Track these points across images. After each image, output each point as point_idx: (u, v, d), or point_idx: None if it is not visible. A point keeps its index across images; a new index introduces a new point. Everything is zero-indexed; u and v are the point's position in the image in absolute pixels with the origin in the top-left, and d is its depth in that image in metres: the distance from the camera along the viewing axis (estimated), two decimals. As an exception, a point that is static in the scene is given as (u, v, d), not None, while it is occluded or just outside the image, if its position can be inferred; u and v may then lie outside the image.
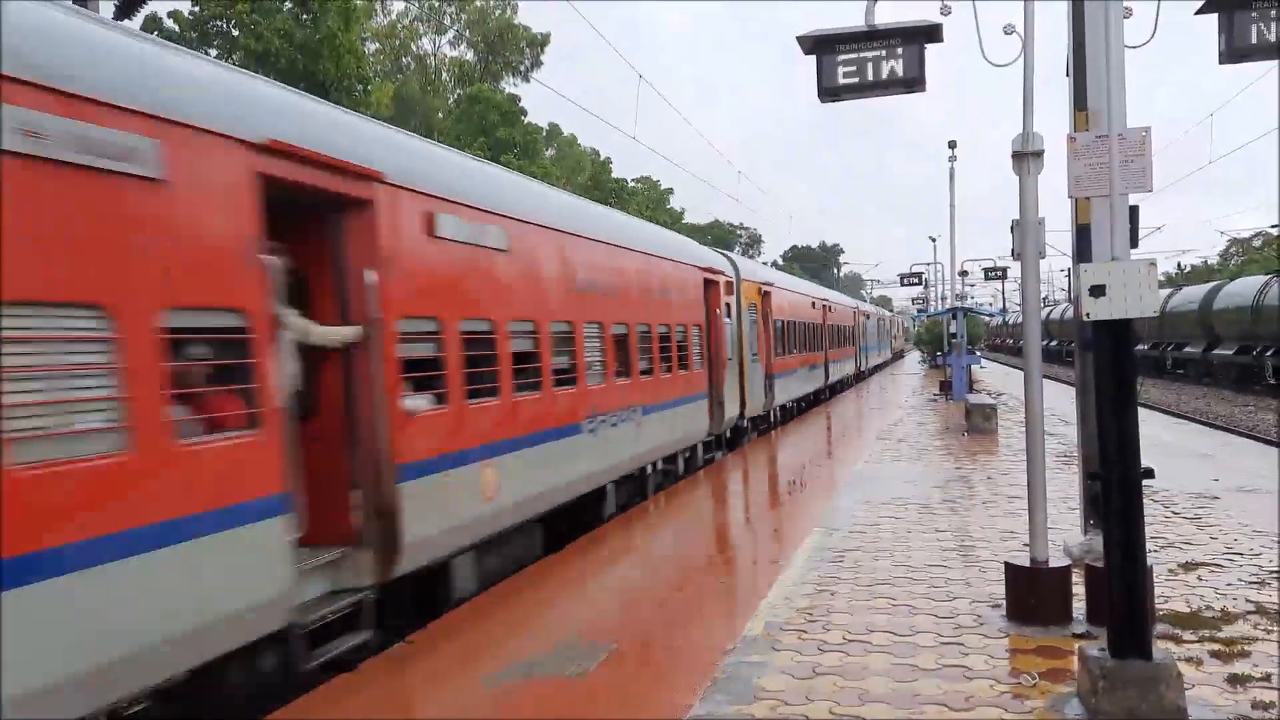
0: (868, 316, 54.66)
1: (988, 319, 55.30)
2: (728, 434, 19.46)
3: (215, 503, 5.68)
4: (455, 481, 8.46)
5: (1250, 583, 8.42)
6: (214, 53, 33.01)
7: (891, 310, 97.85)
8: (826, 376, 34.90)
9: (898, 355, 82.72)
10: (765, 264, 52.77)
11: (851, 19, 7.72)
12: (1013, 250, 9.08)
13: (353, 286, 7.41)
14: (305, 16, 32.46)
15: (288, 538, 6.32)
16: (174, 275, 5.48)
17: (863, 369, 48.27)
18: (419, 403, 8.00)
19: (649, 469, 14.56)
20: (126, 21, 11.76)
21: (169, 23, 32.46)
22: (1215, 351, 40.38)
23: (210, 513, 5.63)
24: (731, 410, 19.04)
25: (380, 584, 7.47)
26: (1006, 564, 7.83)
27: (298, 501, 6.53)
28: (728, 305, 19.13)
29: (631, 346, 13.38)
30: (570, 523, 11.48)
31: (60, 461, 4.69)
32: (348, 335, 7.28)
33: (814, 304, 32.45)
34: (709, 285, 17.83)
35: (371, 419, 7.41)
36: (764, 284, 23.68)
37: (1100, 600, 6.61)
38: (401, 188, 7.92)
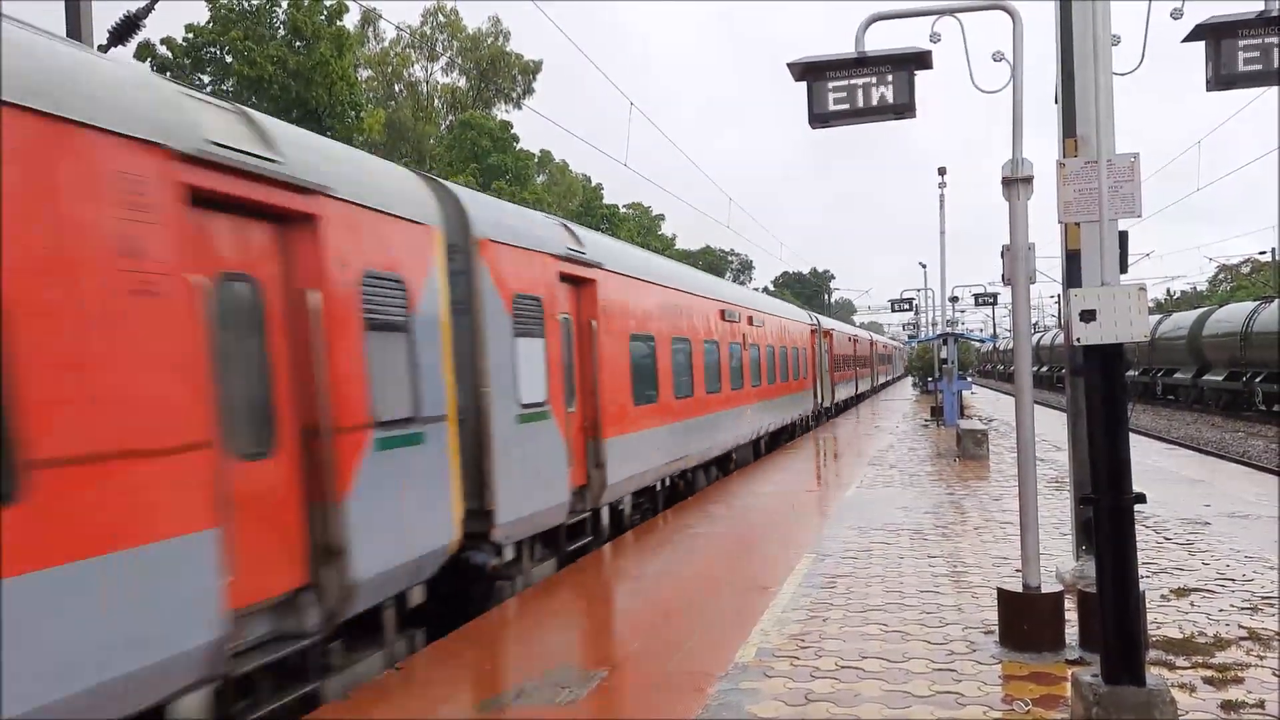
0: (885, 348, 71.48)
1: (978, 345, 55.44)
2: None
3: None
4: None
5: (1243, 608, 8.40)
6: (207, 80, 33.13)
7: (884, 334, 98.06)
8: (871, 382, 54.71)
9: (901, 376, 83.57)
10: (756, 290, 54.40)
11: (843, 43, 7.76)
12: (1003, 276, 9.10)
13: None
14: (298, 43, 32.59)
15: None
16: None
17: (877, 384, 62.84)
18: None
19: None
20: (120, 48, 11.76)
21: (162, 50, 32.55)
22: (1205, 377, 40.52)
23: None
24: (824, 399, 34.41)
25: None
26: (999, 590, 7.81)
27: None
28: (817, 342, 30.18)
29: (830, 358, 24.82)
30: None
31: None
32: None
33: (857, 339, 45.79)
34: (813, 332, 29.10)
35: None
36: (827, 330, 36.20)
37: (1093, 626, 6.59)
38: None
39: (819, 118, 7.88)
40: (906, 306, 54.69)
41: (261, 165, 6.33)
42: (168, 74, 31.57)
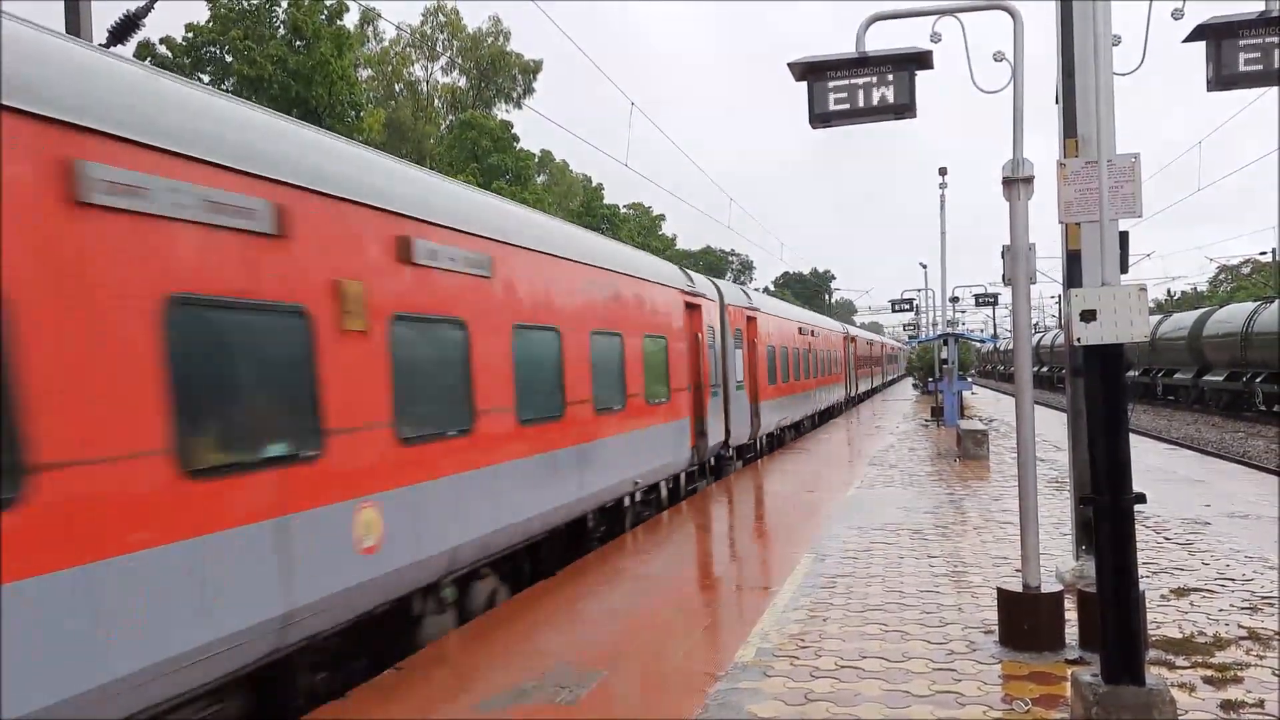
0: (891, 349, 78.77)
1: (979, 345, 55.45)
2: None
3: None
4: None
5: (1242, 608, 8.41)
6: (207, 79, 33.13)
7: (884, 334, 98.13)
8: (882, 378, 63.23)
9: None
10: (757, 290, 54.13)
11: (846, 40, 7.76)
12: (1004, 276, 9.10)
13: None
14: (298, 43, 32.60)
15: None
16: None
17: (887, 380, 70.40)
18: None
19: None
20: (120, 48, 11.77)
21: (162, 49, 32.56)
22: (1205, 378, 40.52)
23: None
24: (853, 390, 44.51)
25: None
26: (999, 589, 7.81)
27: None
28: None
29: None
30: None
31: None
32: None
33: (872, 342, 49.55)
34: (845, 339, 34.38)
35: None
36: (853, 336, 46.00)
37: (1093, 625, 6.59)
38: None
39: (820, 118, 7.89)
40: (907, 307, 54.77)
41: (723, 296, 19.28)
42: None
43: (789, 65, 7.85)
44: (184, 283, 5.52)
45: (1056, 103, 8.85)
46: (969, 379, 40.88)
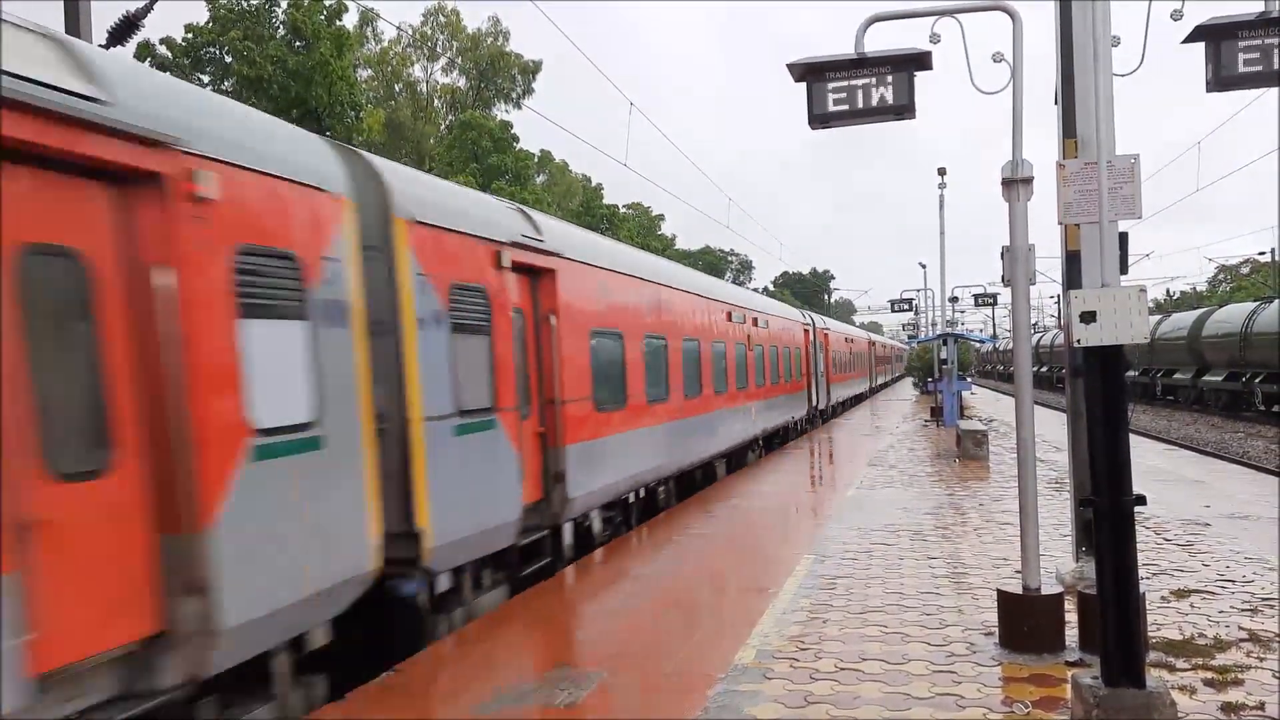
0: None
1: (978, 345, 55.44)
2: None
3: None
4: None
5: (1243, 610, 8.40)
6: (206, 80, 33.11)
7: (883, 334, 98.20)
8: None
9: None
10: (756, 290, 54.79)
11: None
12: (1003, 276, 9.09)
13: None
14: (298, 43, 32.58)
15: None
16: None
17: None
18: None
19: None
20: (119, 48, 11.76)
21: (162, 49, 32.55)
22: (1205, 378, 40.50)
23: None
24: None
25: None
26: (999, 591, 7.80)
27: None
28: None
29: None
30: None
31: None
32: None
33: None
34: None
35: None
36: (871, 340, 53.82)
37: (1093, 627, 6.58)
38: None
39: (819, 118, 7.88)
40: (906, 307, 54.76)
41: None
42: (167, 74, 31.66)
43: (788, 66, 7.84)
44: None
45: (1056, 103, 8.84)
46: (968, 379, 40.87)
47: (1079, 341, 5.48)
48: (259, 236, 6.30)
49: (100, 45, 11.08)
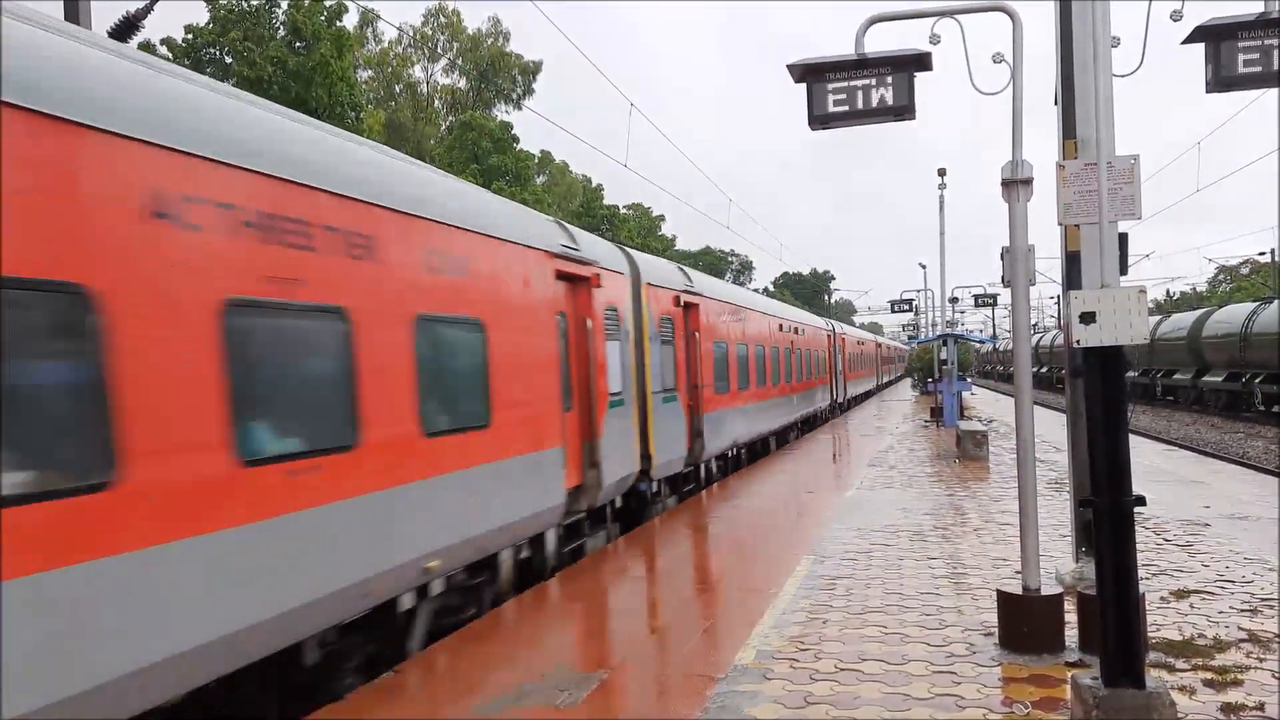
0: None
1: (978, 345, 55.46)
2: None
3: None
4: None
5: (1242, 610, 8.40)
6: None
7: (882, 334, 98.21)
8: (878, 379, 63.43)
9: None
10: (756, 290, 54.76)
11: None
12: (1003, 277, 9.10)
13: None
14: (298, 44, 32.58)
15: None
16: None
17: (883, 382, 69.69)
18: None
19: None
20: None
21: (162, 50, 32.55)
22: (1204, 378, 40.52)
23: None
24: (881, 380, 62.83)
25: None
26: (999, 591, 7.80)
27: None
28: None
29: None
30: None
31: None
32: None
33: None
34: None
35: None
36: (879, 342, 61.25)
37: (1093, 628, 6.59)
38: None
39: (819, 119, 7.89)
40: (906, 307, 54.77)
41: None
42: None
43: (788, 67, 7.84)
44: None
45: (1056, 104, 8.84)
46: (968, 379, 40.87)
47: (1079, 342, 5.49)
48: (611, 300, 12.86)
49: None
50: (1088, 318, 5.42)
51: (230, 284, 5.86)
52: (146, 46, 31.62)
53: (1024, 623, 7.48)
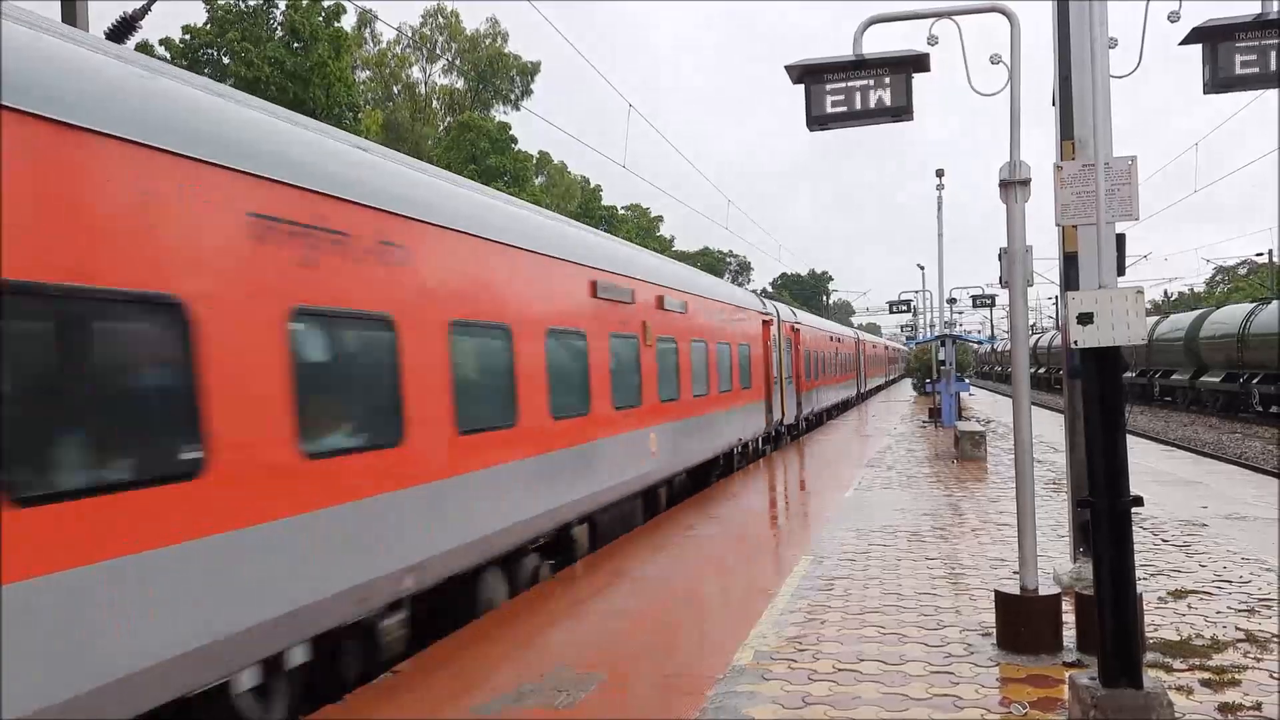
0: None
1: (976, 346, 55.48)
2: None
3: None
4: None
5: (1240, 610, 8.41)
6: (204, 80, 33.06)
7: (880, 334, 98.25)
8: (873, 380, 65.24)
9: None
10: (754, 291, 54.78)
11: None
12: (1001, 278, 9.12)
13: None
14: (296, 44, 32.58)
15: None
16: None
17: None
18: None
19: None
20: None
21: (160, 50, 32.53)
22: (1202, 379, 40.54)
23: None
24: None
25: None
26: (996, 592, 7.81)
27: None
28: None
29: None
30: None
31: None
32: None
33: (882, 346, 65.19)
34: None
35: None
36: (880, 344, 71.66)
37: (1091, 628, 6.59)
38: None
39: (817, 120, 7.88)
40: (904, 308, 54.77)
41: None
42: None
43: (786, 68, 7.84)
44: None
45: (1054, 105, 8.85)
46: (966, 380, 40.88)
47: (1077, 343, 5.50)
48: (771, 332, 24.58)
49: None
50: (1085, 318, 5.43)
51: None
52: (144, 47, 31.62)
53: (1022, 623, 7.48)
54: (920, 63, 7.75)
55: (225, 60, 32.96)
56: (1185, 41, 7.78)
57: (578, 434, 11.19)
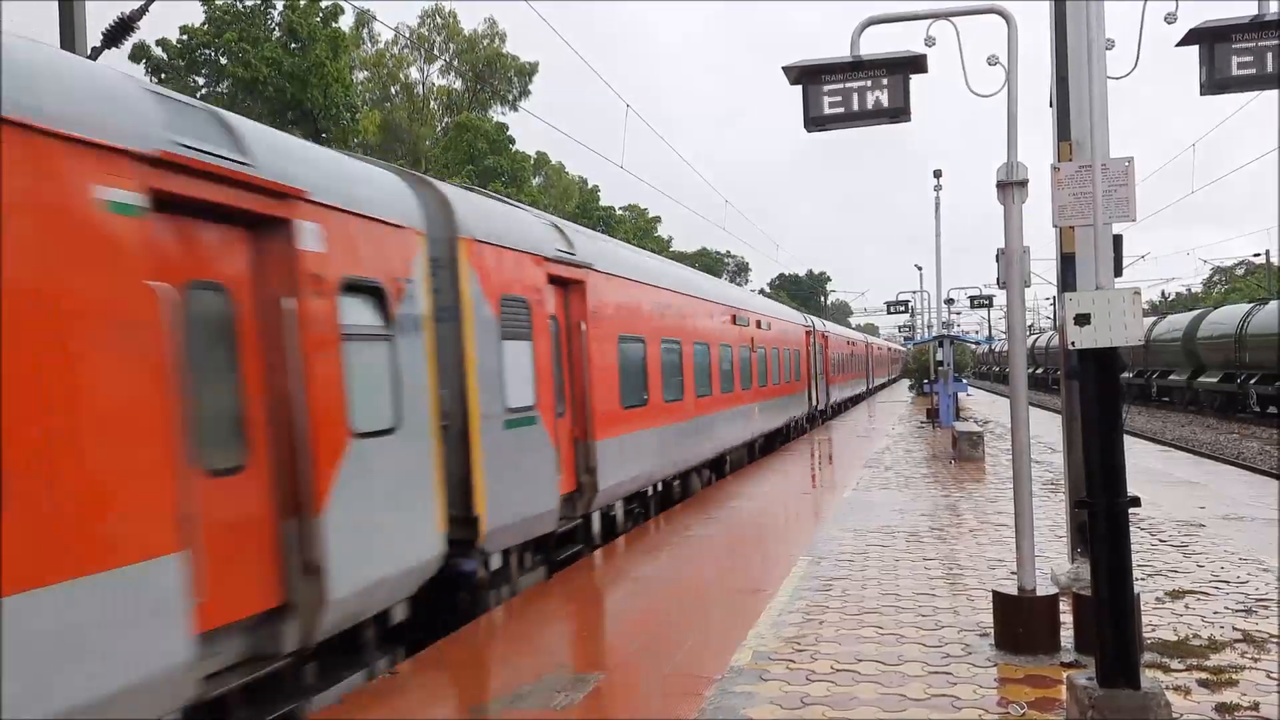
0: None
1: (974, 346, 55.51)
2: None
3: None
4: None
5: (1237, 611, 8.43)
6: (202, 81, 33.09)
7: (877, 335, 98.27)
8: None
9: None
10: (753, 292, 55.08)
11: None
12: (998, 279, 9.13)
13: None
14: (294, 45, 32.56)
15: None
16: None
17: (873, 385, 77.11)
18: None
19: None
20: (114, 50, 11.72)
21: (157, 51, 32.51)
22: (1200, 379, 40.58)
23: None
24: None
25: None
26: (994, 592, 7.82)
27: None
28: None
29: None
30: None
31: None
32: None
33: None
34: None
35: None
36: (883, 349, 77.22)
37: (1088, 628, 6.60)
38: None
39: (815, 121, 7.89)
40: (902, 309, 54.80)
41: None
42: (162, 75, 31.55)
43: (784, 69, 7.85)
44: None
45: (1051, 106, 8.87)
46: (964, 380, 40.88)
47: (1074, 344, 5.50)
48: (809, 339, 33.33)
49: (95, 47, 11.08)
50: (1083, 319, 5.44)
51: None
52: (141, 47, 31.61)
53: (1019, 623, 7.49)
54: (918, 64, 7.76)
55: (223, 61, 32.93)
56: (1182, 43, 7.80)
57: (731, 402, 20.37)
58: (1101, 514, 5.47)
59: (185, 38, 33.08)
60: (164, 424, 5.13)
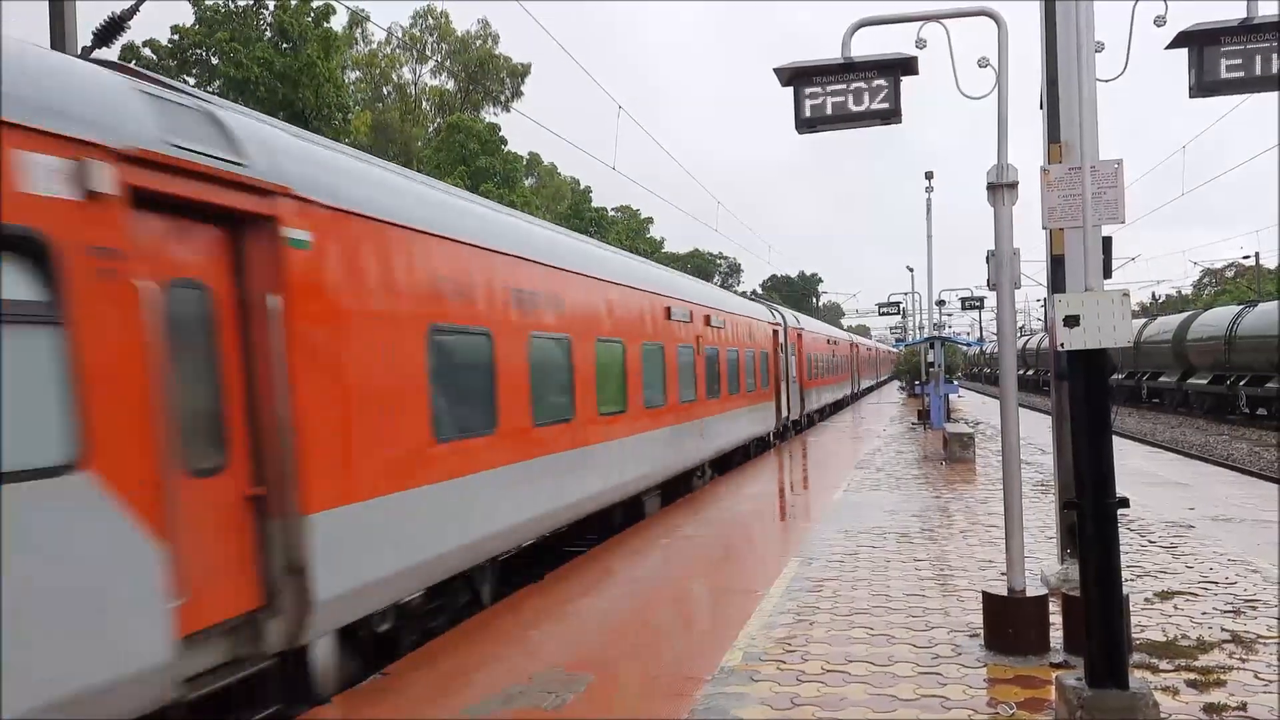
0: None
1: (965, 348, 55.68)
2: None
3: None
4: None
5: (1226, 611, 8.46)
6: (193, 82, 33.00)
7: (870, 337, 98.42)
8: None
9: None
10: (744, 294, 54.93)
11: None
12: (989, 280, 9.14)
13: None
14: (285, 45, 32.51)
15: None
16: None
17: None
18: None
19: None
20: (104, 50, 11.69)
21: (147, 51, 32.43)
22: (1190, 381, 40.71)
23: None
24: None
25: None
26: (984, 593, 7.84)
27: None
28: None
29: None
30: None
31: None
32: None
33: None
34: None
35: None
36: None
37: (1077, 629, 6.63)
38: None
39: (806, 123, 7.90)
40: (893, 310, 54.88)
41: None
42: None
43: (775, 71, 7.87)
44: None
45: (1041, 108, 8.89)
46: (955, 382, 40.96)
47: (1063, 345, 5.52)
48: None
49: (85, 47, 11.04)
50: (1072, 321, 5.46)
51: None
52: (131, 48, 31.52)
53: (1009, 624, 7.51)
54: (909, 66, 7.78)
55: (214, 61, 32.87)
56: (1171, 46, 7.82)
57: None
58: (1090, 515, 5.49)
59: (176, 38, 33.03)
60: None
